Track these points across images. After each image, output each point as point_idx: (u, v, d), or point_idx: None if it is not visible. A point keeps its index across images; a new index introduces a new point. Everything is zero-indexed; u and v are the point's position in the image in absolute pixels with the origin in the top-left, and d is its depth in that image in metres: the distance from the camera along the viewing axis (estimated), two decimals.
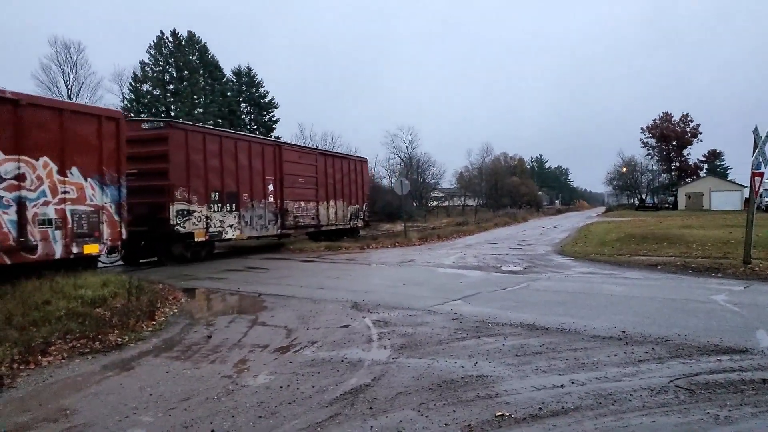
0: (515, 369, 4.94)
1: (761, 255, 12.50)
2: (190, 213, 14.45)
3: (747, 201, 20.11)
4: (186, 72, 44.22)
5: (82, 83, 39.18)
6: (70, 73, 38.65)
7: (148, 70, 43.91)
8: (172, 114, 41.94)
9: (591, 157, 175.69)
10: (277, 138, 42.09)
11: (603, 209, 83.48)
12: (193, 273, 12.99)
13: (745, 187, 54.91)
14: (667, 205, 70.22)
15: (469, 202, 68.82)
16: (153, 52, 44.09)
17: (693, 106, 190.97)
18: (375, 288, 10.05)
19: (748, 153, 11.54)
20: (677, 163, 79.56)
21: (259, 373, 5.06)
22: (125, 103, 42.34)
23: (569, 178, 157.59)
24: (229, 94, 47.87)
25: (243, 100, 49.40)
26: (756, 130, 11.37)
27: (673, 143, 78.14)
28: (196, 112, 42.91)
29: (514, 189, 72.41)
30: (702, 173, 76.60)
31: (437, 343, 5.96)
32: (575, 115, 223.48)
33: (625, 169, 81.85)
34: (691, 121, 77.80)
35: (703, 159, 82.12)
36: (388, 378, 4.77)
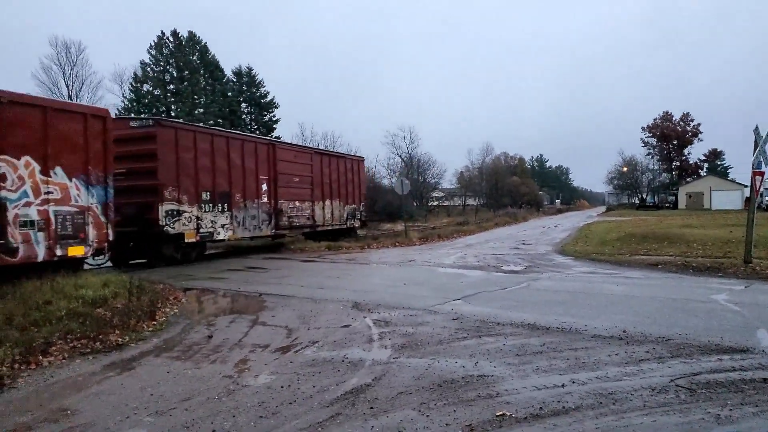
0: (516, 369, 4.94)
1: (762, 254, 12.49)
2: (180, 213, 14.11)
3: (748, 200, 20.10)
4: (186, 72, 44.21)
5: (83, 83, 39.18)
6: (70, 74, 38.64)
7: (149, 70, 43.90)
8: (173, 114, 41.93)
9: (591, 157, 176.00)
10: (277, 138, 42.13)
11: (603, 209, 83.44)
12: (193, 273, 12.99)
13: (745, 186, 54.92)
14: (667, 205, 70.20)
15: (470, 201, 68.82)
16: (153, 52, 44.08)
17: (693, 106, 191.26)
18: (375, 288, 10.06)
19: (749, 152, 11.55)
20: (678, 163, 79.53)
21: (259, 373, 5.06)
22: (126, 103, 42.36)
23: (570, 177, 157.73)
24: (229, 94, 47.86)
25: (243, 100, 49.39)
26: (756, 129, 11.37)
27: (674, 143, 78.11)
28: (196, 112, 42.91)
29: (515, 189, 72.36)
30: (702, 173, 76.55)
31: (438, 342, 5.96)
32: (576, 114, 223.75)
33: (625, 168, 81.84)
34: (692, 120, 77.84)
35: (704, 158, 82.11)
36: (389, 378, 4.77)
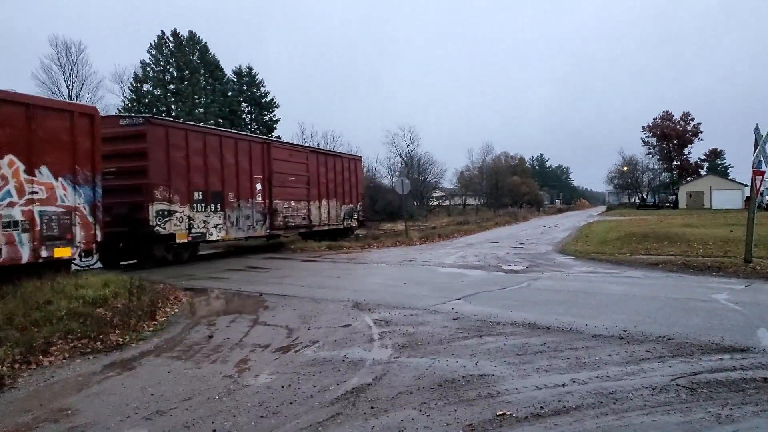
0: (516, 368, 4.94)
1: (762, 254, 12.48)
2: (171, 213, 13.84)
3: (748, 199, 20.10)
4: (187, 72, 44.20)
5: (83, 83, 39.14)
6: (70, 73, 38.60)
7: (149, 70, 43.89)
8: (173, 114, 41.94)
9: (592, 156, 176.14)
10: (277, 137, 42.16)
11: (604, 208, 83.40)
12: (193, 273, 13.00)
13: (746, 185, 54.85)
14: (668, 204, 70.15)
15: (470, 201, 68.81)
16: (154, 52, 44.06)
17: (694, 105, 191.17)
18: (376, 287, 10.06)
19: (749, 152, 11.54)
20: (678, 162, 79.51)
21: (260, 373, 5.06)
22: (126, 103, 42.34)
23: (570, 177, 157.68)
24: (229, 93, 47.84)
25: (244, 100, 49.37)
26: (757, 128, 11.36)
27: (674, 142, 78.08)
28: (196, 111, 42.89)
29: (515, 188, 72.32)
30: (703, 172, 76.54)
31: (438, 342, 5.96)
32: (576, 114, 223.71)
33: (625, 168, 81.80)
34: (692, 119, 77.83)
35: (704, 158, 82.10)
36: (390, 377, 4.77)
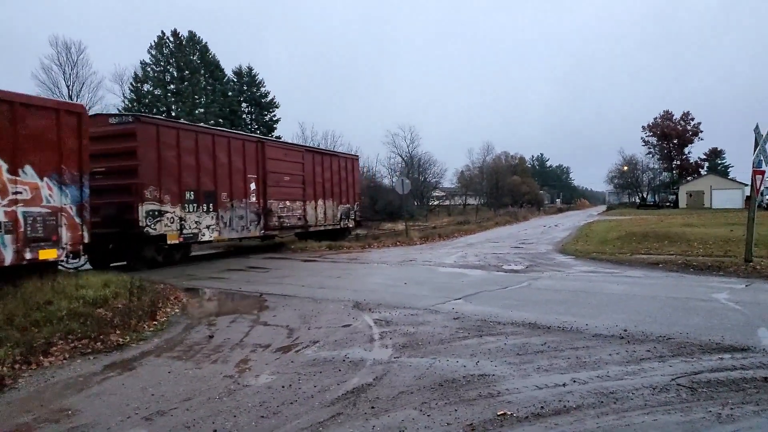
0: (517, 368, 4.94)
1: (762, 253, 12.48)
2: (162, 214, 13.57)
3: (748, 199, 20.09)
4: (187, 72, 44.21)
5: (83, 83, 39.10)
6: (71, 74, 38.56)
7: (149, 70, 43.91)
8: (173, 114, 41.96)
9: (592, 156, 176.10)
10: (278, 137, 42.19)
11: (604, 208, 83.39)
12: (194, 273, 13.01)
13: (746, 185, 54.83)
14: (668, 204, 70.17)
15: (470, 201, 68.84)
16: (154, 52, 44.08)
17: (694, 105, 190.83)
18: (376, 287, 10.06)
19: (749, 151, 11.53)
20: (678, 162, 79.52)
21: (260, 373, 5.06)
22: (126, 103, 42.35)
23: (570, 176, 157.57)
24: (230, 93, 47.87)
25: (244, 100, 49.39)
26: (757, 128, 11.36)
27: (674, 141, 78.10)
28: (197, 112, 42.91)
29: (515, 188, 72.34)
30: (703, 171, 76.56)
31: (439, 342, 5.96)
32: (576, 113, 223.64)
33: (626, 167, 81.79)
34: (692, 119, 77.86)
35: (704, 157, 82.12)
36: (390, 377, 4.77)
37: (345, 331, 6.61)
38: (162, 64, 44.27)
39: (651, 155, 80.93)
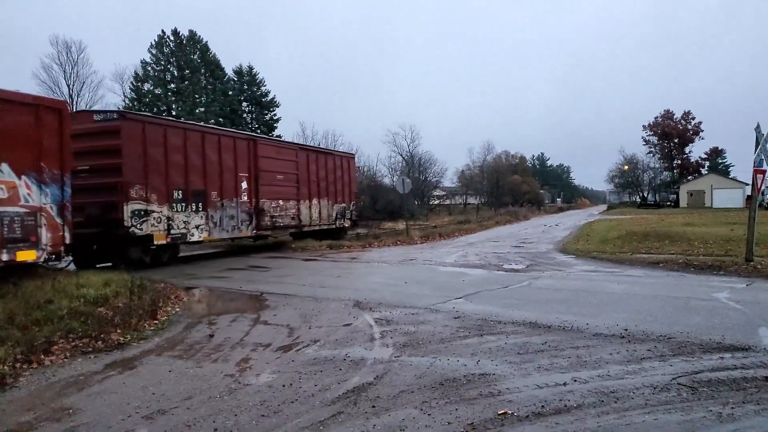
0: (517, 367, 4.94)
1: (763, 252, 12.47)
2: (148, 213, 13.15)
3: (749, 198, 20.08)
4: (187, 71, 44.23)
5: (84, 83, 39.19)
6: (71, 73, 38.64)
7: (150, 69, 43.93)
8: (174, 113, 41.97)
9: (592, 155, 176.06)
10: (278, 136, 42.18)
11: (605, 207, 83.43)
12: (195, 272, 13.02)
13: (747, 184, 54.77)
14: (668, 203, 70.14)
15: (471, 200, 68.83)
16: (154, 51, 44.11)
17: (694, 104, 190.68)
18: (377, 286, 10.06)
19: (750, 150, 11.52)
20: (679, 161, 79.42)
21: (261, 372, 5.07)
22: (127, 102, 42.39)
23: (571, 176, 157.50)
24: (230, 93, 47.89)
25: (244, 99, 49.42)
26: (758, 127, 11.35)
27: (675, 141, 77.98)
28: (197, 111, 42.93)
29: (516, 187, 72.33)
30: (704, 171, 76.45)
31: (439, 341, 5.96)
32: (577, 113, 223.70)
33: (626, 166, 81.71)
34: (693, 118, 77.72)
35: (705, 156, 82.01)
36: (391, 376, 4.78)
37: (346, 330, 6.61)
38: (162, 63, 44.30)
39: (652, 154, 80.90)
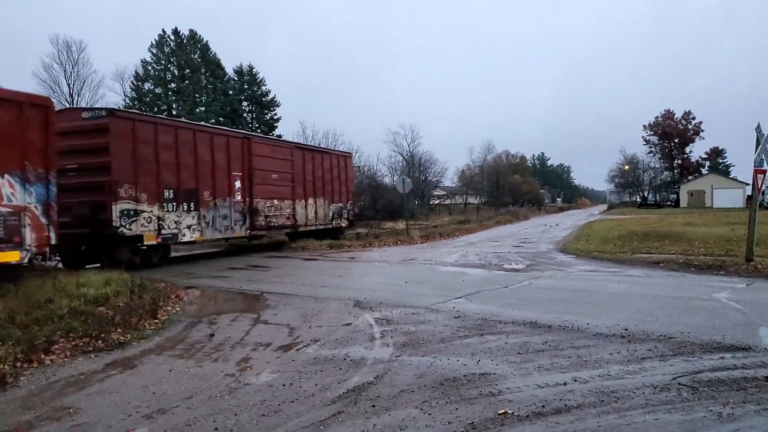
0: (518, 367, 4.94)
1: (764, 252, 12.46)
2: (138, 213, 12.85)
3: (749, 198, 20.07)
4: (188, 70, 44.22)
5: (84, 82, 39.14)
6: (71, 72, 38.58)
7: (150, 68, 43.93)
8: (174, 112, 41.98)
9: (593, 155, 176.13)
10: (279, 136, 42.16)
11: (605, 207, 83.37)
12: (195, 271, 13.02)
13: (747, 184, 54.76)
14: (669, 203, 70.09)
15: (471, 200, 68.74)
16: (155, 51, 44.11)
17: (695, 104, 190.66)
18: (377, 286, 10.06)
19: (751, 150, 11.50)
20: (679, 161, 79.39)
21: (261, 372, 5.07)
22: (127, 101, 42.39)
23: (571, 176, 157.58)
24: (230, 92, 47.89)
25: (245, 99, 49.40)
26: (758, 127, 11.33)
27: (675, 141, 77.95)
28: (198, 110, 42.93)
29: (516, 187, 72.28)
30: (704, 171, 76.41)
31: (439, 341, 5.96)
32: (577, 112, 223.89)
33: (627, 166, 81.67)
34: (693, 118, 77.68)
35: (705, 156, 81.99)
36: (391, 376, 4.78)
37: (346, 330, 6.61)
38: (163, 62, 44.30)
39: (652, 154, 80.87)
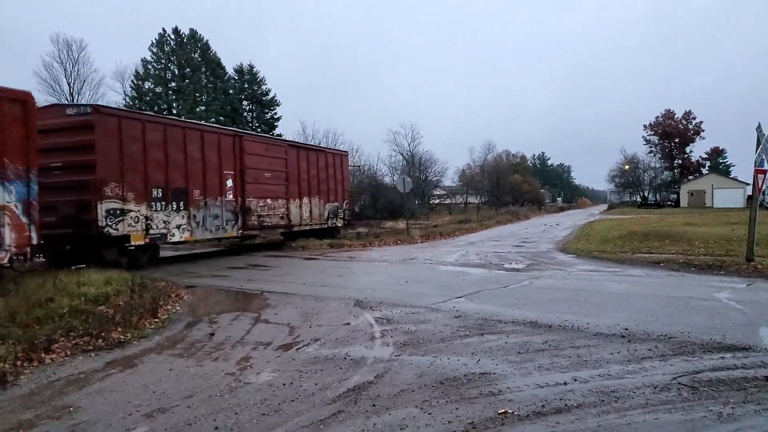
0: (518, 366, 4.94)
1: (764, 252, 12.46)
2: (125, 213, 12.51)
3: (750, 198, 20.05)
4: (188, 70, 44.20)
5: (84, 81, 39.18)
6: (72, 71, 38.61)
7: (151, 68, 43.91)
8: (174, 112, 41.97)
9: (593, 155, 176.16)
10: (279, 135, 42.12)
11: (605, 207, 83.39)
12: (195, 270, 13.03)
13: (747, 184, 54.73)
14: (669, 203, 70.04)
15: (472, 199, 68.80)
16: (155, 50, 44.09)
17: (695, 104, 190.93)
18: (377, 285, 10.06)
19: (751, 150, 11.49)
20: (680, 161, 79.37)
21: (262, 371, 5.07)
22: (127, 100, 42.39)
23: (571, 175, 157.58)
24: (231, 91, 47.86)
25: (245, 98, 49.37)
26: (759, 127, 11.33)
27: (676, 140, 77.94)
28: (198, 109, 42.92)
29: (517, 187, 72.29)
30: (704, 170, 76.39)
31: (440, 340, 5.96)
32: (578, 112, 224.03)
33: (627, 166, 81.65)
34: (694, 118, 77.67)
35: (706, 156, 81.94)
36: (391, 375, 4.78)
37: (346, 329, 6.62)
38: (163, 61, 44.28)
39: (652, 154, 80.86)
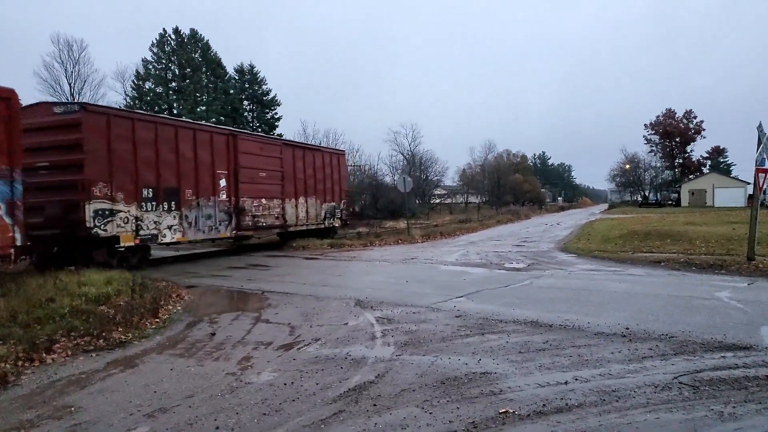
0: (519, 366, 4.94)
1: (765, 251, 12.46)
2: (114, 213, 12.27)
3: (751, 197, 20.04)
4: (189, 70, 44.19)
5: (85, 81, 39.20)
6: (72, 71, 38.61)
7: (151, 67, 43.90)
8: (175, 111, 41.98)
9: (594, 155, 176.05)
10: (279, 135, 42.13)
11: (606, 206, 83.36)
12: (196, 270, 13.03)
13: (748, 183, 54.67)
14: (670, 202, 70.01)
15: (472, 199, 68.78)
16: (155, 50, 44.08)
17: (696, 103, 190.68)
18: (378, 285, 10.06)
19: (752, 149, 11.48)
20: (680, 160, 79.24)
21: (262, 371, 5.07)
22: (128, 100, 42.40)
23: (572, 175, 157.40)
24: (231, 91, 47.85)
25: (245, 98, 49.36)
26: (760, 126, 11.32)
27: (677, 140, 77.81)
28: (198, 109, 42.93)
29: (517, 186, 72.27)
30: (705, 170, 76.30)
31: (441, 340, 5.96)
32: (578, 112, 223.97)
33: (628, 165, 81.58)
34: (695, 117, 77.53)
35: (707, 155, 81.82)
36: (392, 375, 4.78)
37: (347, 329, 6.62)
38: (164, 61, 44.27)
39: (653, 153, 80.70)
